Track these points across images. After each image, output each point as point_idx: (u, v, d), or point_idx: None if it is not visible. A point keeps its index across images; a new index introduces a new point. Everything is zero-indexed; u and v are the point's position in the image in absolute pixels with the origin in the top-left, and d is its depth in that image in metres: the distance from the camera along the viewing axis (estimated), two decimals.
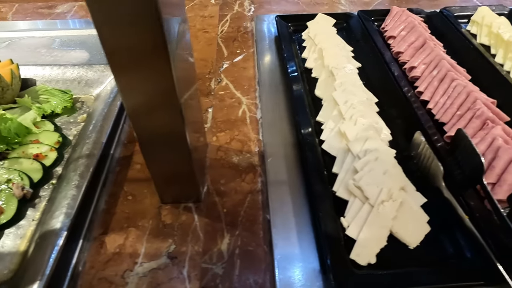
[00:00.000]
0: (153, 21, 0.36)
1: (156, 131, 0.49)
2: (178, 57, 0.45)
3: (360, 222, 0.53)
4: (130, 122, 0.49)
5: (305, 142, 0.64)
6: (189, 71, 0.53)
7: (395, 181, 0.55)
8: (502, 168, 0.58)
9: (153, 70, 0.41)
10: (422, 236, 0.52)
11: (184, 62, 0.50)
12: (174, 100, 0.44)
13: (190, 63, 0.53)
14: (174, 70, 0.41)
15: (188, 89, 0.51)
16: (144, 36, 0.38)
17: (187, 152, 0.51)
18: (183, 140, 0.49)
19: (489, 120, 0.64)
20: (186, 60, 0.51)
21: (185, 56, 0.50)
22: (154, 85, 0.43)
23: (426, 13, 1.00)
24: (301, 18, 0.98)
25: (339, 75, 0.75)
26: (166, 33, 0.38)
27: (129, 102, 0.44)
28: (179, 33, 0.46)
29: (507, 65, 0.84)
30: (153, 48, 0.39)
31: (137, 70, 0.41)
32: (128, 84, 0.43)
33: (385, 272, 0.48)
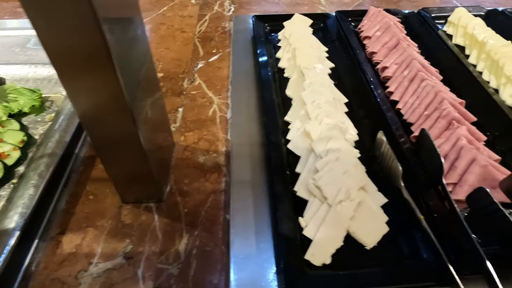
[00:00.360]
0: (91, 23, 0.35)
1: (108, 134, 0.48)
2: (129, 61, 0.45)
3: (317, 222, 0.52)
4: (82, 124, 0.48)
5: (270, 141, 0.64)
6: (147, 74, 0.53)
7: (355, 181, 0.55)
8: (463, 168, 0.58)
9: (97, 75, 0.40)
10: (380, 237, 0.52)
11: (139, 65, 0.49)
12: (123, 105, 0.43)
13: (147, 66, 0.53)
14: (122, 75, 0.40)
15: (145, 92, 0.51)
16: (83, 39, 0.37)
17: (142, 153, 0.51)
18: (137, 142, 0.49)
19: (455, 120, 0.64)
20: (141, 63, 0.50)
21: (140, 59, 0.50)
22: (101, 90, 0.42)
23: (403, 13, 1.00)
24: (278, 18, 0.98)
25: (309, 75, 0.74)
26: (109, 36, 0.37)
27: (78, 107, 0.44)
28: (131, 36, 0.45)
29: (480, 65, 0.84)
30: (94, 52, 0.38)
31: (81, 75, 0.40)
32: (75, 89, 0.42)
33: (337, 273, 0.48)
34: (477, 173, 0.56)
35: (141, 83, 0.50)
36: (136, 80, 0.48)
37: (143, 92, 0.50)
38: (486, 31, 0.89)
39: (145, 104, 0.51)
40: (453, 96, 0.71)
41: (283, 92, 0.77)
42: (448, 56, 0.84)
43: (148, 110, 0.52)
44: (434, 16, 1.01)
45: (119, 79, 0.41)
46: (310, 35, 0.90)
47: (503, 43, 0.83)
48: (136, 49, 0.48)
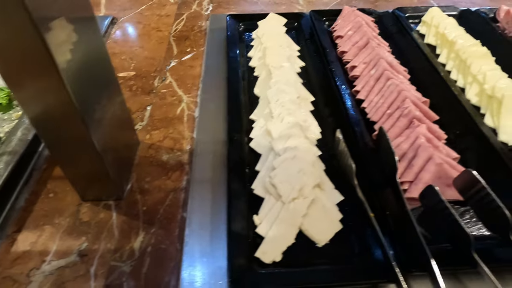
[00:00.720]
0: (27, 25, 0.34)
1: (59, 137, 0.48)
2: (79, 64, 0.44)
3: (271, 220, 0.53)
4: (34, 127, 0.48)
5: (231, 139, 0.64)
6: (102, 76, 0.53)
7: (310, 179, 0.55)
8: (420, 166, 0.58)
9: (42, 81, 0.40)
10: (332, 234, 0.52)
11: (92, 68, 0.49)
12: (72, 110, 0.43)
13: (102, 68, 0.53)
14: (69, 80, 0.40)
15: (100, 94, 0.51)
16: (21, 43, 0.36)
17: (97, 154, 0.51)
18: (90, 144, 0.49)
19: (416, 119, 0.64)
20: (95, 65, 0.50)
21: (92, 61, 0.49)
22: (48, 96, 0.42)
23: (378, 13, 1.00)
24: (252, 17, 0.98)
25: (276, 73, 0.75)
26: (50, 38, 0.37)
27: (27, 111, 0.44)
28: (81, 38, 0.45)
29: (449, 64, 0.84)
30: (35, 56, 0.37)
31: (26, 80, 0.40)
32: (22, 94, 0.42)
33: (285, 270, 0.48)
34: (432, 171, 0.57)
35: (96, 86, 0.50)
36: (88, 83, 0.47)
37: (99, 94, 0.51)
38: (457, 31, 0.89)
39: (101, 106, 0.51)
40: (417, 95, 0.72)
41: (252, 91, 0.78)
42: (417, 56, 0.84)
43: (105, 111, 0.53)
44: (408, 16, 1.01)
45: (66, 84, 0.40)
46: (282, 34, 0.90)
47: (472, 42, 0.84)
48: (88, 52, 0.48)
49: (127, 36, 1.00)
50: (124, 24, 1.05)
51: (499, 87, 0.72)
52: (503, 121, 0.68)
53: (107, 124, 0.54)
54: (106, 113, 0.53)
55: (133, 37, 1.00)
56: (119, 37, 0.99)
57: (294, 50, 0.88)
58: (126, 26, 1.04)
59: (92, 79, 0.49)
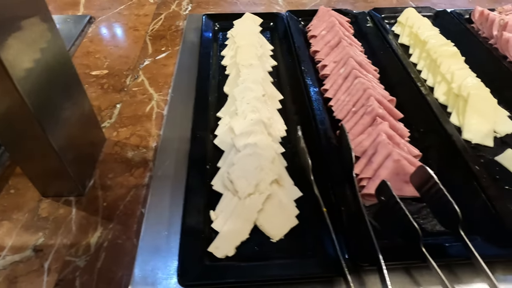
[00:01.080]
0: None
1: (15, 137, 0.48)
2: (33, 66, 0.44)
3: (226, 215, 0.53)
4: None
5: (194, 137, 0.64)
6: (62, 76, 0.53)
7: (268, 175, 0.55)
8: (379, 163, 0.58)
9: None
10: (287, 230, 0.52)
11: (50, 69, 0.49)
12: (26, 112, 0.43)
13: (62, 68, 0.53)
14: (21, 82, 0.40)
15: (60, 94, 0.51)
16: None
17: (54, 153, 0.51)
18: (46, 143, 0.49)
19: (379, 116, 0.65)
20: (54, 66, 0.50)
21: (51, 62, 0.49)
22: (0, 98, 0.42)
23: (354, 13, 1.01)
24: (228, 17, 0.98)
25: (244, 72, 0.75)
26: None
27: None
28: (34, 39, 0.45)
29: (420, 64, 0.85)
30: None
31: None
32: None
33: (234, 264, 0.48)
34: (390, 168, 0.57)
35: (55, 88, 0.50)
36: (46, 86, 0.47)
37: (58, 96, 0.51)
38: (430, 31, 0.90)
39: (60, 107, 0.51)
40: (384, 93, 0.72)
41: (222, 89, 0.78)
42: (389, 55, 0.85)
43: (65, 112, 0.53)
44: (384, 16, 1.02)
45: (18, 89, 0.40)
46: (256, 34, 0.90)
47: (443, 42, 0.85)
48: (45, 55, 0.48)
49: (103, 35, 1.00)
50: (101, 23, 1.06)
51: (465, 86, 0.72)
52: (468, 120, 0.68)
53: (67, 124, 0.54)
54: (66, 114, 0.53)
55: (109, 36, 1.00)
56: (95, 36, 1.00)
57: (267, 49, 0.88)
58: (103, 25, 1.04)
59: (50, 81, 0.49)
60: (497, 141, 0.67)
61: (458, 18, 0.99)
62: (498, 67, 0.81)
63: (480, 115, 0.68)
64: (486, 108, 0.69)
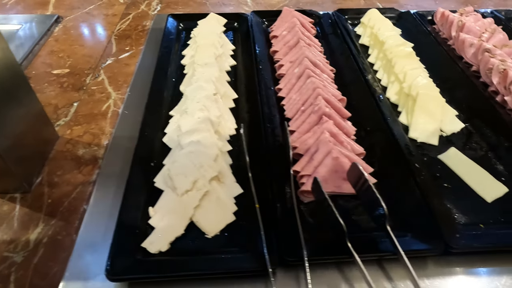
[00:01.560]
0: None
1: None
2: None
3: (164, 211, 0.54)
4: None
5: (142, 134, 0.65)
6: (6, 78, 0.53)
7: (207, 172, 0.56)
8: (319, 160, 0.59)
9: None
10: (223, 226, 0.53)
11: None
12: None
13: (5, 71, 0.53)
14: None
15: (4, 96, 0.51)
16: None
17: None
18: None
19: (325, 115, 0.66)
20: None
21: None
22: None
23: (318, 14, 1.02)
24: (193, 17, 0.99)
25: (199, 71, 0.76)
26: None
27: None
28: None
29: (377, 64, 0.86)
30: None
31: None
32: None
33: (168, 259, 0.49)
34: (329, 165, 0.58)
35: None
36: None
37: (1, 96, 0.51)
38: (390, 31, 0.91)
39: (4, 107, 0.52)
40: (336, 93, 0.73)
41: (178, 88, 0.79)
42: (346, 56, 0.86)
43: (8, 113, 0.53)
44: (349, 17, 1.03)
45: None
46: (218, 34, 0.91)
47: (400, 42, 0.86)
48: None
49: (69, 35, 1.01)
50: (69, 23, 1.06)
51: (415, 86, 0.73)
52: (415, 119, 0.70)
53: (11, 125, 0.55)
54: (11, 115, 0.54)
55: (75, 35, 1.01)
56: (61, 36, 1.00)
57: (228, 49, 0.89)
58: (70, 25, 1.05)
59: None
60: (442, 140, 0.68)
61: (420, 19, 1.00)
62: (452, 67, 0.83)
63: (427, 115, 0.70)
64: (434, 107, 0.70)
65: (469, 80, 0.78)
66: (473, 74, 0.82)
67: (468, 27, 0.90)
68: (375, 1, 1.20)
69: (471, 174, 0.61)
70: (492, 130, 0.68)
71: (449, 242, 0.50)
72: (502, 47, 0.84)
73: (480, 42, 0.84)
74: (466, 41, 0.86)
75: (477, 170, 0.62)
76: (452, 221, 0.54)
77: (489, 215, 0.56)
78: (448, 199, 0.57)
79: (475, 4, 1.20)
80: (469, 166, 0.62)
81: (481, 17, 0.97)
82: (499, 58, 0.79)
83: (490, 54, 0.80)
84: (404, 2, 1.20)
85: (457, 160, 0.63)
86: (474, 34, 0.89)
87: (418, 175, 0.59)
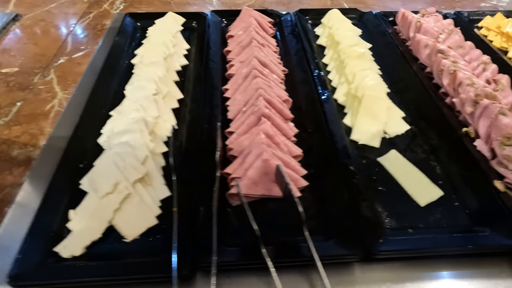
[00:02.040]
0: None
1: None
2: None
3: (84, 214, 0.52)
4: None
5: (75, 135, 0.63)
6: None
7: (131, 174, 0.55)
8: (250, 163, 0.58)
9: None
10: (143, 229, 0.52)
11: None
12: None
13: None
14: None
15: None
16: None
17: None
18: None
19: (264, 116, 0.64)
20: None
21: None
22: None
23: (278, 14, 1.00)
24: (152, 16, 0.98)
25: (143, 70, 0.74)
26: None
27: None
28: None
29: (331, 65, 0.85)
30: None
31: None
32: None
33: (74, 264, 0.47)
34: (259, 168, 0.56)
35: None
36: None
37: None
38: (347, 32, 0.90)
39: None
40: (282, 94, 0.72)
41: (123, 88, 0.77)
42: (300, 56, 0.85)
43: None
44: (311, 18, 1.02)
45: None
46: (172, 33, 0.90)
47: (353, 43, 0.84)
48: None
49: (25, 33, 0.99)
50: (27, 21, 1.04)
51: (362, 87, 0.72)
52: (359, 120, 0.68)
53: None
54: None
55: (31, 34, 0.99)
56: (17, 34, 0.99)
57: (182, 48, 0.88)
58: (27, 23, 1.03)
59: None
60: (385, 142, 0.67)
61: (382, 20, 0.99)
62: (405, 69, 0.82)
63: (371, 116, 0.68)
64: (379, 109, 0.69)
65: (420, 82, 0.77)
66: (427, 75, 0.81)
67: (425, 28, 0.89)
68: (342, 1, 1.19)
69: (407, 177, 0.59)
70: (436, 133, 0.67)
71: (371, 247, 0.48)
72: (457, 48, 0.83)
73: (434, 43, 0.82)
74: (421, 42, 0.85)
75: (415, 173, 0.60)
76: (379, 226, 0.52)
77: (420, 219, 0.54)
78: (380, 203, 0.56)
79: (442, 5, 1.19)
80: (407, 169, 0.61)
81: (441, 18, 0.95)
82: (451, 59, 0.78)
83: (443, 56, 0.79)
84: (371, 3, 1.18)
85: (396, 162, 0.62)
86: (431, 35, 0.88)
87: (351, 178, 0.57)
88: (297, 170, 0.59)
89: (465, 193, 0.57)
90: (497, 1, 1.18)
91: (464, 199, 0.57)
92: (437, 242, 0.50)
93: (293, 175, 0.58)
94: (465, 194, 0.57)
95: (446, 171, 0.61)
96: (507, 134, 0.61)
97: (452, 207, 0.56)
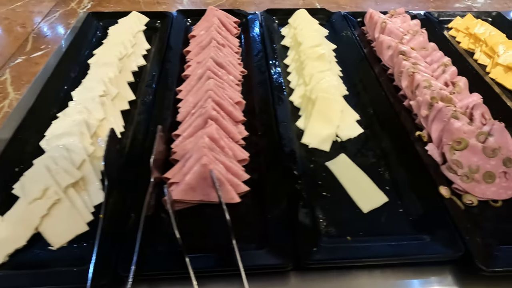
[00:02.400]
0: None
1: None
2: None
3: (10, 221, 0.50)
4: None
5: (14, 137, 0.61)
6: None
7: (63, 179, 0.53)
8: (189, 167, 0.56)
9: None
10: (71, 237, 0.50)
11: None
12: None
13: None
14: None
15: None
16: None
17: None
18: None
19: (211, 119, 0.63)
20: None
21: None
22: None
23: (245, 14, 0.99)
24: (115, 15, 0.96)
25: (93, 71, 0.72)
26: None
27: None
28: None
29: (291, 66, 0.83)
30: None
31: None
32: None
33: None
34: (197, 172, 0.55)
35: None
36: None
37: None
38: (312, 32, 0.88)
39: None
40: (234, 96, 0.70)
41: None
42: (260, 57, 0.83)
43: None
44: (279, 18, 1.00)
45: None
46: (134, 33, 0.88)
47: (314, 44, 0.83)
48: None
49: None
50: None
51: (317, 89, 0.70)
52: (311, 123, 0.67)
53: None
54: None
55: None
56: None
57: (142, 48, 0.86)
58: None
59: None
60: (336, 146, 0.65)
61: (350, 20, 0.97)
62: (367, 70, 0.80)
63: (324, 119, 0.67)
64: (332, 112, 0.67)
65: (379, 84, 0.75)
66: (388, 77, 0.80)
67: (390, 28, 0.87)
68: (314, 1, 1.17)
69: (353, 183, 0.58)
70: (388, 137, 0.65)
71: (303, 256, 0.47)
72: (420, 50, 0.82)
73: (397, 44, 0.81)
74: (384, 43, 0.83)
75: (362, 178, 0.59)
76: (315, 234, 0.50)
77: (361, 226, 0.53)
78: (322, 209, 0.54)
79: (416, 6, 1.18)
80: (354, 174, 0.59)
81: (409, 19, 0.94)
82: (412, 61, 0.76)
83: (404, 57, 0.77)
84: (344, 3, 1.17)
85: (343, 167, 0.60)
86: (395, 36, 0.86)
87: (294, 183, 0.56)
88: (239, 175, 0.57)
89: (410, 199, 0.55)
90: (472, 2, 1.16)
91: (409, 205, 0.55)
92: (374, 251, 0.49)
93: (233, 180, 0.56)
94: (410, 200, 0.55)
95: (394, 177, 0.59)
96: (458, 139, 0.59)
97: (395, 214, 0.54)
